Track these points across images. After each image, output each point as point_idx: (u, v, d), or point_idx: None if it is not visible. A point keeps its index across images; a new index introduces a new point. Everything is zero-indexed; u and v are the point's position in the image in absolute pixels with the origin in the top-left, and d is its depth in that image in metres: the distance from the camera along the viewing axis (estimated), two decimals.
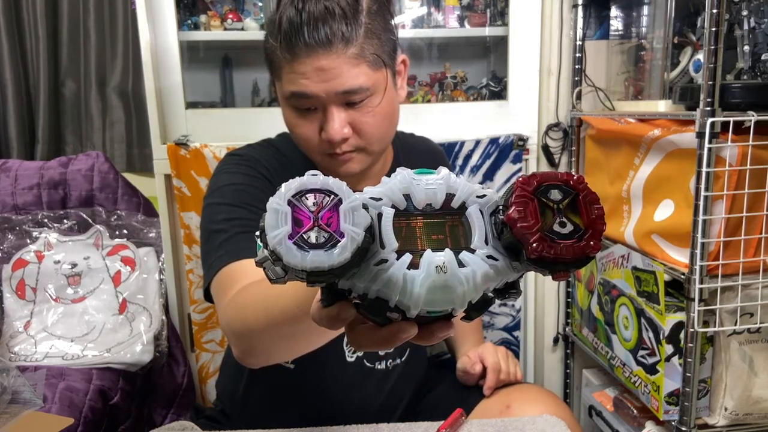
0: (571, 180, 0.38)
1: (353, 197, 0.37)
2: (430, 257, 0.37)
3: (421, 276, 0.36)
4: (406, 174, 0.40)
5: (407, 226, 0.38)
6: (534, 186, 0.38)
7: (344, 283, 0.38)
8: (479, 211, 0.39)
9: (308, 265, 0.34)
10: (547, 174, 0.38)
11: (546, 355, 1.68)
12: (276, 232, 0.35)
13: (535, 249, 0.36)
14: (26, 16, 1.70)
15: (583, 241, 0.37)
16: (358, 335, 0.41)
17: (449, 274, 0.36)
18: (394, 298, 0.37)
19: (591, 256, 0.37)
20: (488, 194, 0.40)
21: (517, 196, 0.37)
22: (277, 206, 0.36)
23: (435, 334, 0.40)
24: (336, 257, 0.35)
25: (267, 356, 0.75)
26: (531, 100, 1.55)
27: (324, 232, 0.35)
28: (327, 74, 0.80)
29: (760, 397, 1.13)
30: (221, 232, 0.85)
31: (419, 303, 0.37)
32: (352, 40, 0.79)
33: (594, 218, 0.38)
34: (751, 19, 1.09)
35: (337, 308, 0.40)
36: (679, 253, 1.14)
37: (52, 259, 1.49)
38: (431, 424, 0.92)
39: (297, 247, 0.35)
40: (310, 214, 0.36)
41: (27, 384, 1.18)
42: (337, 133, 0.83)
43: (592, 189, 0.38)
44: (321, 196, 0.36)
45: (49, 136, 1.74)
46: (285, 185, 0.37)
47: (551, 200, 0.38)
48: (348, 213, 0.36)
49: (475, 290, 0.38)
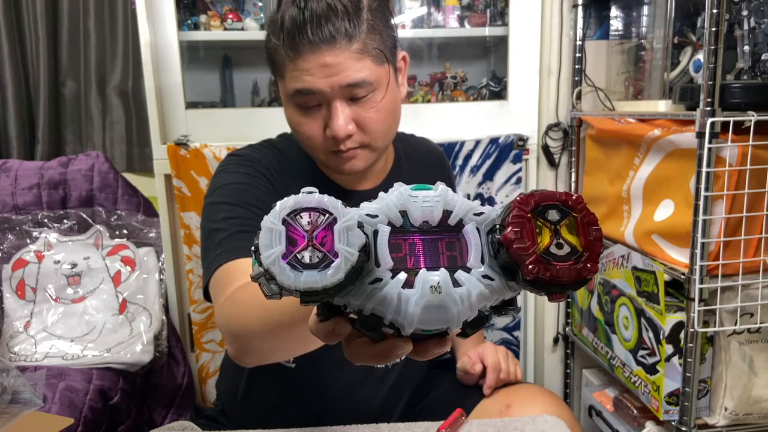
0: (569, 200, 0.38)
1: (348, 216, 0.36)
2: (424, 276, 0.36)
3: (415, 296, 0.36)
4: (402, 190, 0.39)
5: (403, 243, 0.38)
6: (531, 206, 0.37)
7: (339, 300, 0.38)
8: (476, 229, 0.39)
9: (301, 285, 0.35)
10: (545, 193, 0.38)
11: (546, 355, 1.68)
12: (270, 252, 0.35)
13: (531, 271, 0.36)
14: (26, 16, 1.70)
15: (580, 264, 0.37)
16: (354, 349, 0.41)
17: (444, 294, 0.36)
18: (389, 316, 0.37)
19: (588, 278, 0.37)
20: (486, 212, 0.40)
21: (514, 216, 0.37)
22: (271, 225, 0.35)
23: (430, 350, 0.40)
24: (329, 278, 0.35)
25: (263, 356, 0.75)
26: (531, 100, 1.55)
27: (318, 251, 0.35)
28: (331, 70, 0.80)
29: (760, 397, 1.13)
30: (221, 231, 0.85)
31: (413, 322, 0.36)
32: (355, 36, 0.80)
33: (592, 240, 0.37)
34: (751, 19, 1.09)
35: (333, 323, 0.40)
36: (679, 253, 1.14)
37: (52, 259, 1.49)
38: (431, 424, 0.92)
39: (290, 267, 0.35)
40: (305, 233, 0.36)
41: (27, 384, 1.18)
42: (342, 129, 0.83)
43: (590, 210, 0.38)
44: (316, 215, 0.36)
45: (49, 136, 1.74)
46: (280, 204, 0.36)
47: (549, 221, 0.38)
48: (342, 232, 0.36)
49: (470, 310, 0.37)
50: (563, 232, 0.37)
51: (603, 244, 0.38)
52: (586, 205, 0.38)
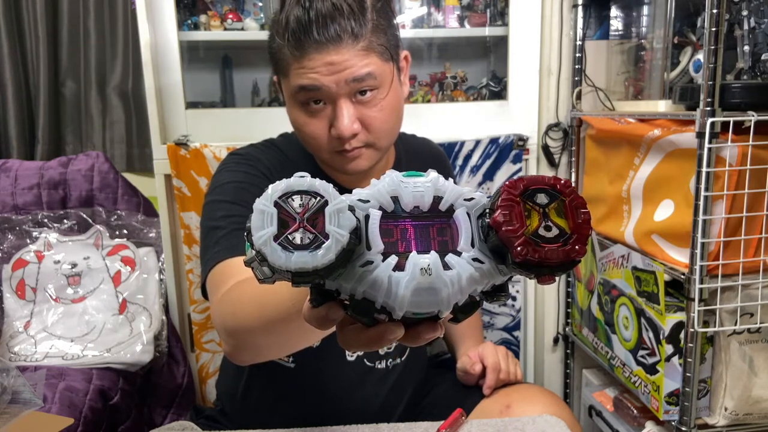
0: (558, 184, 0.38)
1: (339, 199, 0.37)
2: (415, 259, 0.37)
3: (405, 278, 0.36)
4: (394, 176, 0.40)
5: (394, 228, 0.39)
6: (520, 189, 0.38)
7: (331, 284, 0.38)
8: (466, 214, 0.39)
9: (293, 265, 0.35)
10: (534, 178, 0.38)
11: (546, 355, 1.68)
12: (261, 233, 0.35)
13: (519, 252, 0.36)
14: (26, 16, 1.70)
15: (569, 245, 0.37)
16: (347, 335, 0.42)
17: (434, 277, 0.36)
18: (380, 299, 0.37)
19: (576, 260, 0.37)
20: (476, 197, 0.40)
21: (503, 200, 0.37)
22: (263, 207, 0.36)
23: (421, 335, 0.41)
24: (320, 258, 0.35)
25: (258, 352, 0.75)
26: (531, 100, 1.55)
27: (309, 233, 0.36)
28: (336, 67, 0.80)
29: (760, 397, 1.13)
30: (219, 229, 0.85)
31: (404, 305, 0.37)
32: (360, 35, 0.80)
33: (580, 222, 0.38)
34: (751, 19, 1.09)
35: (326, 308, 0.40)
36: (679, 253, 1.14)
37: (52, 259, 1.49)
38: (431, 424, 0.92)
39: (282, 248, 0.35)
40: (296, 215, 0.36)
41: (27, 384, 1.17)
42: (348, 128, 0.83)
43: (579, 194, 0.38)
44: (307, 198, 0.37)
45: (49, 136, 1.74)
46: (272, 187, 0.37)
47: (537, 204, 0.38)
48: (333, 215, 0.36)
49: (460, 293, 0.38)
50: (552, 215, 0.38)
51: (591, 227, 0.38)
52: (574, 189, 0.39)
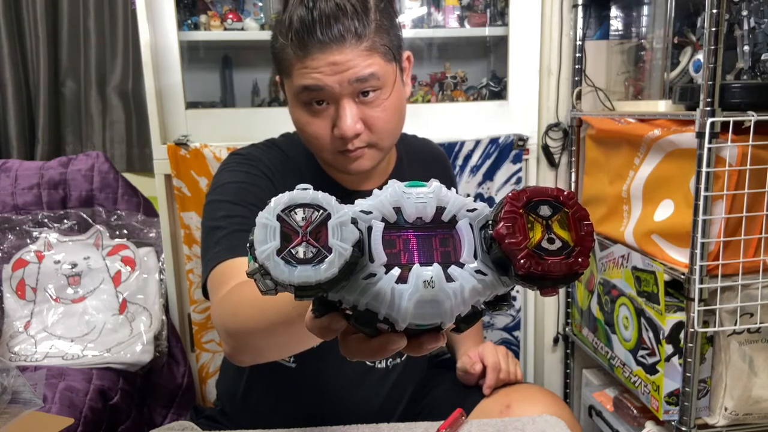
0: (561, 196, 0.38)
1: (342, 212, 0.37)
2: (418, 271, 0.37)
3: (408, 290, 0.36)
4: (396, 187, 0.40)
5: (397, 239, 0.39)
6: (523, 201, 0.38)
7: (334, 295, 0.38)
8: (469, 225, 0.39)
9: (296, 280, 0.35)
10: (537, 189, 0.38)
11: (546, 355, 1.68)
12: (264, 247, 0.35)
13: (522, 265, 0.36)
14: (26, 16, 1.70)
15: (572, 258, 0.37)
16: (350, 345, 0.42)
17: (437, 289, 0.36)
18: (383, 311, 0.37)
19: (579, 273, 0.37)
20: (479, 208, 0.40)
21: (506, 212, 0.37)
22: (266, 221, 0.36)
23: (424, 346, 0.41)
24: (323, 272, 0.35)
25: (258, 354, 0.75)
26: (531, 100, 1.55)
27: (312, 247, 0.36)
28: (340, 67, 0.80)
29: (760, 397, 1.13)
30: (220, 229, 0.85)
31: (407, 317, 0.37)
32: (364, 36, 0.80)
33: (583, 235, 0.38)
34: (751, 19, 1.09)
35: (329, 319, 0.40)
36: (679, 253, 1.14)
37: (52, 259, 1.49)
38: (431, 424, 0.92)
39: (285, 262, 0.35)
40: (299, 229, 0.36)
41: (27, 384, 1.18)
42: (351, 128, 0.83)
43: (582, 205, 0.38)
44: (310, 211, 0.37)
45: (49, 136, 1.74)
46: (274, 200, 0.37)
47: (540, 216, 0.38)
48: (336, 228, 0.36)
49: (463, 304, 0.38)
50: (555, 228, 0.38)
51: (594, 239, 0.38)
52: (577, 200, 0.39)
